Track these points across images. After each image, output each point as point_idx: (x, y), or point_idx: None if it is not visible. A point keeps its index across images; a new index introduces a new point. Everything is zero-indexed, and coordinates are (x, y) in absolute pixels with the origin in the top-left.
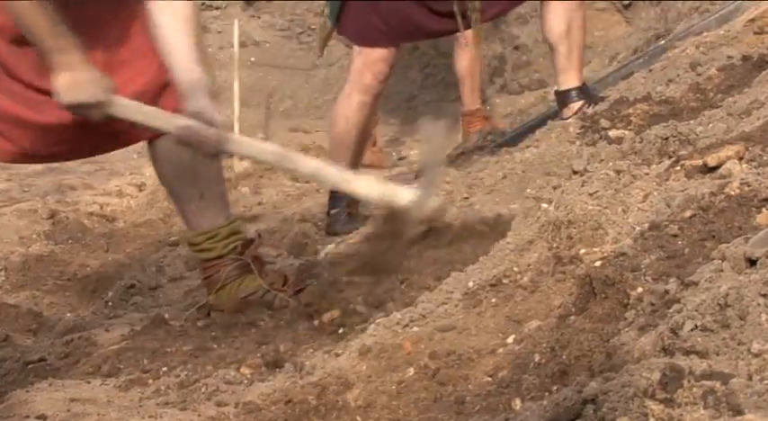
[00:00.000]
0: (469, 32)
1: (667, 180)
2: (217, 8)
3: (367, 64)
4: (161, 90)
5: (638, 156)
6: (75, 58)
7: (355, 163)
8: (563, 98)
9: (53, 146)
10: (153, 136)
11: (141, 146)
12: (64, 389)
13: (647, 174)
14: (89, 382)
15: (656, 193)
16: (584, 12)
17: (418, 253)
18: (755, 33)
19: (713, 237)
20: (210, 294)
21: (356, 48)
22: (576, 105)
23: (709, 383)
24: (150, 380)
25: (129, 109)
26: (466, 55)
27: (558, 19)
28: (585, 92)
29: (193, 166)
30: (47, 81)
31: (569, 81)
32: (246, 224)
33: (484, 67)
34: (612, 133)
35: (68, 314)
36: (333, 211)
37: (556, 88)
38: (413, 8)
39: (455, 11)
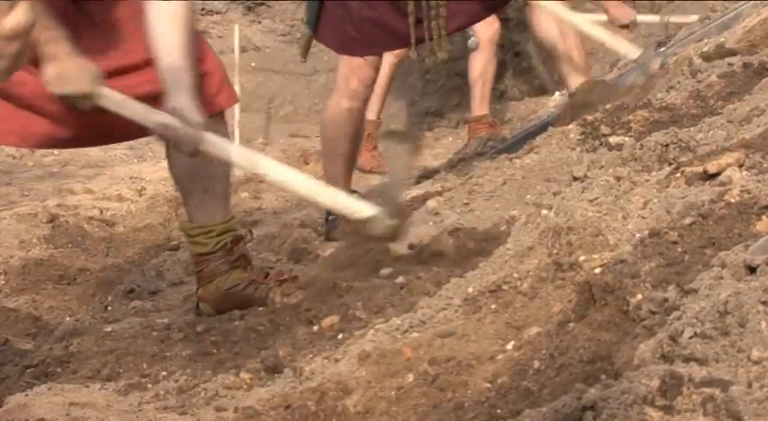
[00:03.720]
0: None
1: (667, 187)
2: (217, 13)
3: (352, 70)
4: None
5: (639, 162)
6: (62, 49)
7: (348, 169)
8: None
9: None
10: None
11: (142, 152)
12: (63, 394)
13: (647, 180)
14: (88, 387)
15: (656, 200)
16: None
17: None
18: (752, 45)
19: (713, 244)
20: (200, 287)
21: (340, 54)
22: None
23: (708, 390)
24: (149, 385)
25: (116, 102)
26: (480, 60)
27: (547, 25)
28: None
29: (202, 163)
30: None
31: (579, 82)
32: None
33: (495, 74)
34: (613, 140)
35: (68, 318)
36: (332, 217)
37: (569, 93)
38: (386, 15)
39: (424, 16)
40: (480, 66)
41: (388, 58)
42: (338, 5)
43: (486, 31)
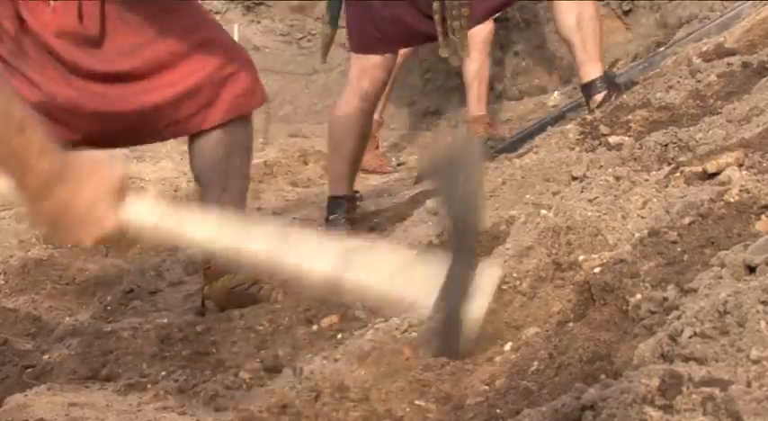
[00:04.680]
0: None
1: (667, 186)
2: (217, 13)
3: (364, 70)
4: (222, 83)
5: (638, 162)
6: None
7: (353, 168)
8: (587, 90)
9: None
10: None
11: (142, 152)
12: (63, 394)
13: (646, 180)
14: (88, 387)
15: (655, 200)
16: (596, 4)
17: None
18: (751, 45)
19: (712, 243)
20: (206, 285)
21: (353, 54)
22: (600, 96)
23: (708, 390)
24: (149, 385)
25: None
26: (475, 60)
27: (567, 14)
28: (608, 80)
29: (225, 163)
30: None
31: (590, 72)
32: None
33: (491, 73)
34: (612, 139)
35: (67, 318)
36: (332, 217)
37: (580, 83)
38: (405, 13)
39: (444, 15)
40: (476, 66)
41: None
42: (361, 6)
43: (481, 31)
